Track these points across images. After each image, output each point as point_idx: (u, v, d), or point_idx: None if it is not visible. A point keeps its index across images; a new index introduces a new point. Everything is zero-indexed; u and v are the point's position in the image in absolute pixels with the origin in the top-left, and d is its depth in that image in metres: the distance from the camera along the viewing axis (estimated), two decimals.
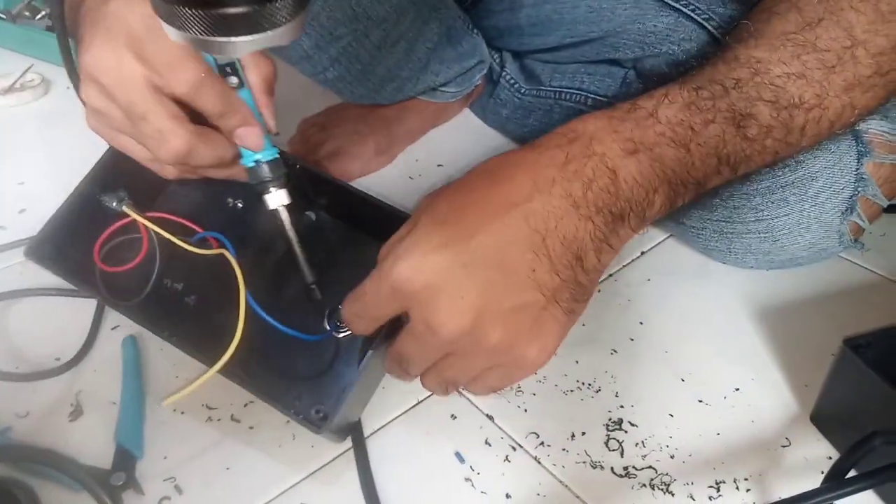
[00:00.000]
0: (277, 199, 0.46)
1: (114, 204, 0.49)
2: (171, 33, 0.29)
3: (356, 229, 0.56)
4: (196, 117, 0.43)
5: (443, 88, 0.79)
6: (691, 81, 0.41)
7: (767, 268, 0.62)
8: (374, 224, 0.54)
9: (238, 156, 0.45)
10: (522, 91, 0.79)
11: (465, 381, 0.39)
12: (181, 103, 0.42)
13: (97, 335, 0.55)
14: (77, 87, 0.44)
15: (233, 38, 0.28)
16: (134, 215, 0.48)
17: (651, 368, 0.55)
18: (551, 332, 0.37)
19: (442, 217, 0.36)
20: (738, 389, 0.53)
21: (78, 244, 0.49)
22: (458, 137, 0.85)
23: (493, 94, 0.82)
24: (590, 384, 0.53)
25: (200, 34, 0.28)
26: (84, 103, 0.43)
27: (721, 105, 0.40)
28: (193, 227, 0.51)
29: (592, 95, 0.69)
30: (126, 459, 0.46)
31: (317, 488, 0.46)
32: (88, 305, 0.57)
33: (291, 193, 0.47)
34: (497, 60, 0.82)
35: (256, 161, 0.45)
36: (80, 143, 0.80)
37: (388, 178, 0.78)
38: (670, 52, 0.62)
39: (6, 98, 0.86)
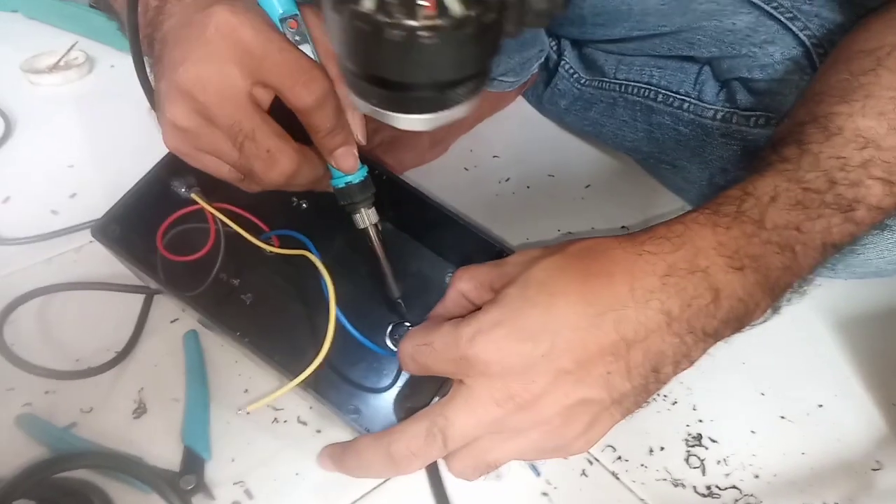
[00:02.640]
0: (367, 218, 0.45)
1: (182, 190, 0.47)
2: (355, 100, 0.29)
3: (421, 244, 0.54)
4: None
5: (500, 78, 0.76)
6: (795, 170, 0.37)
7: (846, 278, 0.59)
8: (449, 245, 0.52)
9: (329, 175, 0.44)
10: (582, 82, 0.76)
11: (504, 463, 0.38)
12: None
13: (143, 329, 0.54)
14: (148, 93, 0.41)
15: (414, 116, 0.29)
16: (203, 203, 0.47)
17: (728, 381, 0.53)
18: (603, 429, 0.36)
19: (532, 299, 0.35)
20: (821, 406, 0.51)
21: (143, 229, 0.48)
22: (512, 127, 0.82)
23: (551, 84, 0.79)
24: (665, 396, 0.51)
25: (385, 109, 0.29)
26: (164, 121, 0.39)
27: (829, 198, 0.37)
28: (257, 222, 0.49)
29: (663, 91, 0.66)
30: (194, 461, 0.45)
31: (389, 499, 0.44)
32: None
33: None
34: (554, 48, 0.79)
35: (347, 182, 0.43)
36: (128, 124, 0.79)
37: (442, 169, 0.76)
38: (751, 54, 0.58)
39: (52, 76, 0.84)
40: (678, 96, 0.64)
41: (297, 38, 0.39)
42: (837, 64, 0.43)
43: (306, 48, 0.40)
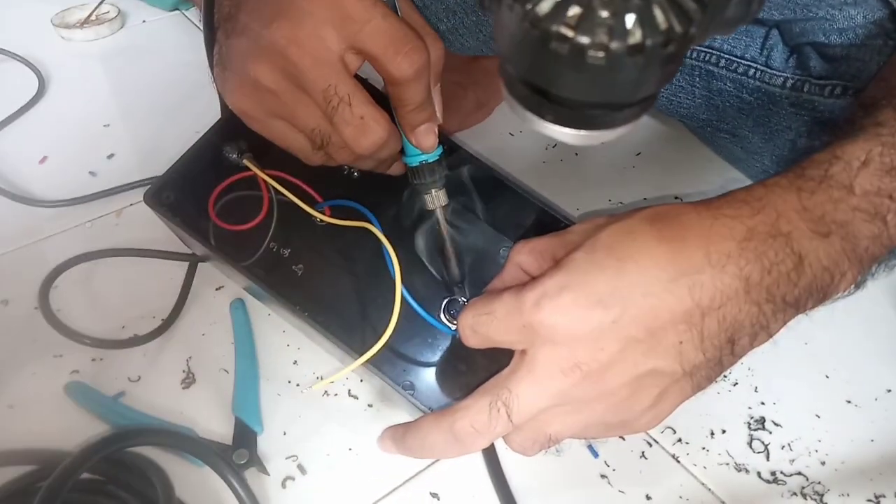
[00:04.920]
0: (437, 199, 0.43)
1: (234, 156, 0.46)
2: (513, 106, 0.27)
3: (473, 215, 0.52)
4: None
5: None
6: (891, 134, 0.35)
7: None
8: (505, 216, 0.50)
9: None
10: None
11: (566, 438, 0.36)
12: None
13: (187, 297, 0.53)
14: (210, 52, 0.39)
15: (577, 131, 0.26)
16: (256, 171, 0.45)
17: (791, 362, 0.51)
18: (671, 404, 0.34)
19: (600, 263, 0.33)
20: (889, 391, 0.49)
21: (195, 196, 0.46)
22: None
23: None
24: (725, 376, 0.49)
25: (550, 121, 0.26)
26: (236, 80, 0.37)
27: None
28: (309, 190, 0.47)
29: (726, 55, 0.62)
30: (246, 435, 0.44)
31: (445, 478, 0.43)
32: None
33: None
34: None
35: (422, 161, 0.41)
36: (162, 82, 0.77)
37: (485, 133, 0.73)
38: (828, 16, 0.54)
39: (83, 31, 0.82)
40: (743, 61, 0.61)
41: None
42: None
43: None
